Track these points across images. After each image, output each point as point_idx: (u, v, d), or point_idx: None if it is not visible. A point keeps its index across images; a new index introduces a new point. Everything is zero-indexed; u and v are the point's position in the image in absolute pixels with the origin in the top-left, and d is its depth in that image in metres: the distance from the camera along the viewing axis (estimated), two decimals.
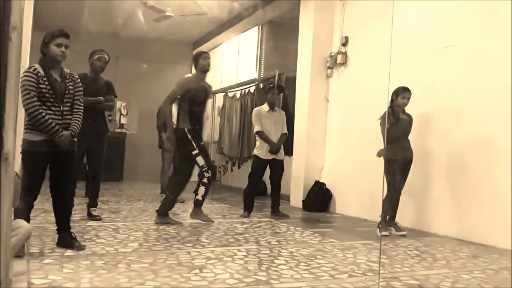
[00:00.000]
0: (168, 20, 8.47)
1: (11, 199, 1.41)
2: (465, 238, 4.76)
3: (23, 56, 5.66)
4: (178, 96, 5.04)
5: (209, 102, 5.39)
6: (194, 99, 4.99)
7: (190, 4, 8.10)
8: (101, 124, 5.13)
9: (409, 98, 4.89)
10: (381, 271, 3.36)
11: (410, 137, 5.00)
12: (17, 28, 1.42)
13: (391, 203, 4.91)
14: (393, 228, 4.92)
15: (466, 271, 3.49)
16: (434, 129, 5.30)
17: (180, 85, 5.03)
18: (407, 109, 4.96)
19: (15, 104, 1.37)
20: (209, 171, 4.98)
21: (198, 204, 5.11)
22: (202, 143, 5.03)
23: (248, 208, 5.85)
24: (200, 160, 4.97)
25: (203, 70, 5.05)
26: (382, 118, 4.90)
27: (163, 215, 4.98)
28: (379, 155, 4.94)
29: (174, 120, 5.27)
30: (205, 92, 5.13)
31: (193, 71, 5.33)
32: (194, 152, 4.96)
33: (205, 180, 5.00)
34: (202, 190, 5.04)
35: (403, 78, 5.21)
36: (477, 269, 3.60)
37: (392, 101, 4.90)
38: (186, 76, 5.15)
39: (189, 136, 4.96)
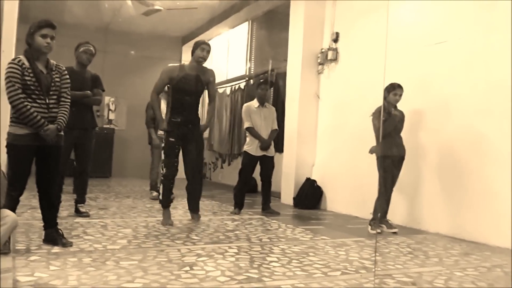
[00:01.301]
0: (157, 14, 8.35)
1: None
2: (457, 236, 4.75)
3: (9, 49, 5.55)
4: (165, 86, 4.87)
5: (204, 92, 5.06)
6: (178, 89, 4.75)
7: None
8: (89, 118, 5.03)
9: (400, 95, 4.86)
10: (374, 269, 3.32)
11: (402, 134, 4.97)
12: None
13: (383, 201, 4.87)
14: (384, 226, 4.89)
15: (459, 269, 3.47)
16: (425, 125, 5.27)
17: (161, 75, 4.81)
18: (399, 105, 4.93)
19: None
20: (163, 169, 4.80)
21: (161, 204, 4.90)
22: (172, 139, 4.74)
23: (239, 205, 5.80)
24: (162, 154, 4.90)
25: (197, 61, 4.82)
26: (374, 114, 4.86)
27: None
28: (371, 152, 4.91)
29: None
30: (196, 81, 4.80)
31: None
32: (162, 145, 4.91)
33: (161, 177, 4.86)
34: (161, 188, 4.88)
35: (395, 74, 5.16)
36: (470, 266, 3.58)
37: (384, 98, 4.86)
38: (169, 65, 4.89)
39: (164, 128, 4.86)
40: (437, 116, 5.15)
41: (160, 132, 6.63)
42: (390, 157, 4.82)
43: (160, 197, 4.88)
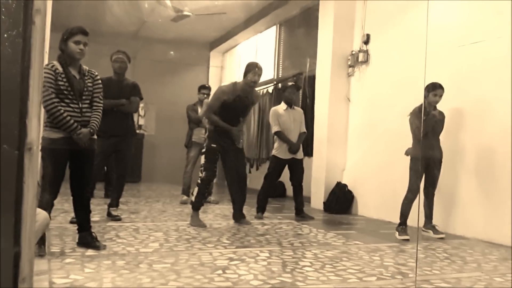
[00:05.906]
0: (185, 20, 8.42)
1: (34, 192, 1.33)
2: (494, 241, 4.59)
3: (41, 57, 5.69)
4: (219, 106, 4.95)
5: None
6: (229, 108, 4.93)
7: (209, 3, 8.04)
8: (127, 125, 5.13)
9: (441, 96, 4.70)
10: (410, 275, 3.23)
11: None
12: (40, 11, 1.34)
13: (410, 204, 4.71)
14: (431, 231, 4.76)
15: (498, 274, 3.35)
16: (463, 126, 5.11)
17: (216, 95, 4.99)
18: (439, 106, 4.79)
19: (38, 91, 1.29)
20: (203, 172, 4.89)
21: (192, 205, 4.95)
22: (214, 145, 4.91)
23: (261, 209, 5.73)
24: (202, 159, 5.02)
25: (250, 85, 5.01)
26: (412, 114, 4.72)
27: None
28: (407, 153, 4.75)
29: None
30: (246, 103, 5.05)
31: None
32: (202, 151, 5.05)
33: (198, 180, 4.94)
34: (195, 190, 4.95)
35: (430, 73, 5.03)
36: (510, 272, 3.44)
37: (424, 97, 4.72)
38: (223, 85, 5.11)
39: (207, 135, 5.05)
40: (475, 117, 4.98)
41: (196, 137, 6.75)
42: (425, 159, 4.68)
43: (193, 199, 4.94)
